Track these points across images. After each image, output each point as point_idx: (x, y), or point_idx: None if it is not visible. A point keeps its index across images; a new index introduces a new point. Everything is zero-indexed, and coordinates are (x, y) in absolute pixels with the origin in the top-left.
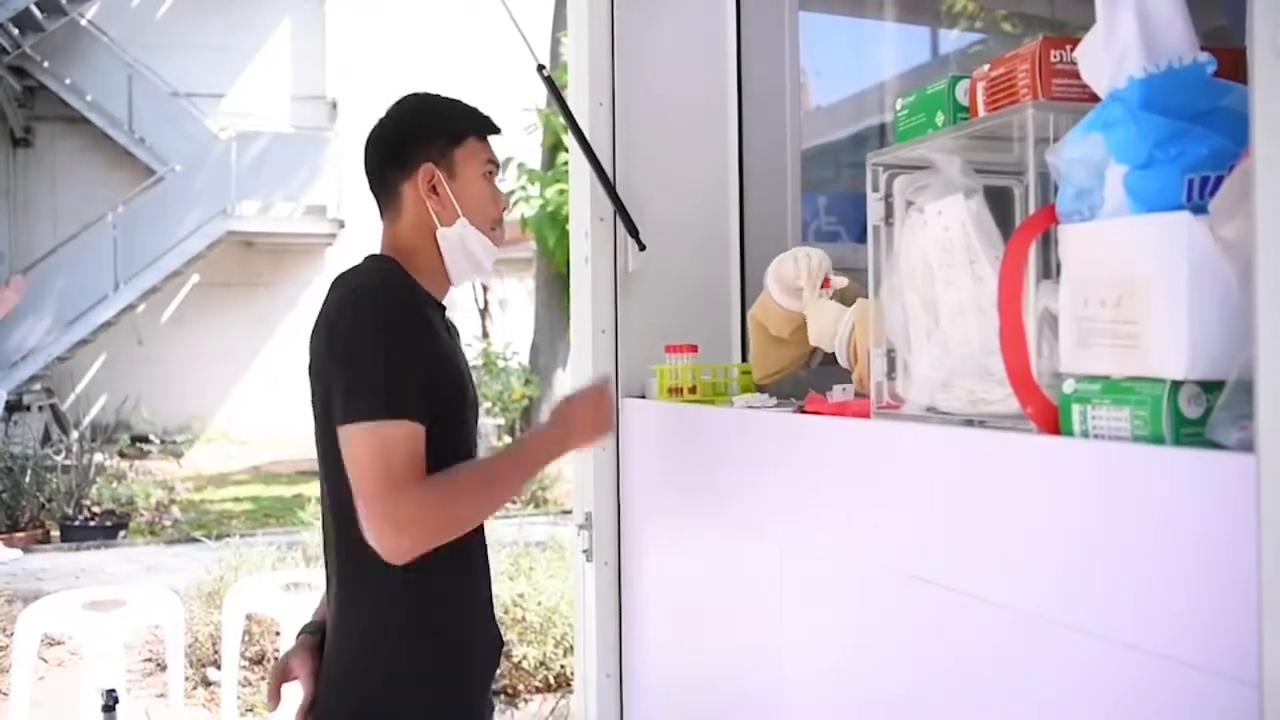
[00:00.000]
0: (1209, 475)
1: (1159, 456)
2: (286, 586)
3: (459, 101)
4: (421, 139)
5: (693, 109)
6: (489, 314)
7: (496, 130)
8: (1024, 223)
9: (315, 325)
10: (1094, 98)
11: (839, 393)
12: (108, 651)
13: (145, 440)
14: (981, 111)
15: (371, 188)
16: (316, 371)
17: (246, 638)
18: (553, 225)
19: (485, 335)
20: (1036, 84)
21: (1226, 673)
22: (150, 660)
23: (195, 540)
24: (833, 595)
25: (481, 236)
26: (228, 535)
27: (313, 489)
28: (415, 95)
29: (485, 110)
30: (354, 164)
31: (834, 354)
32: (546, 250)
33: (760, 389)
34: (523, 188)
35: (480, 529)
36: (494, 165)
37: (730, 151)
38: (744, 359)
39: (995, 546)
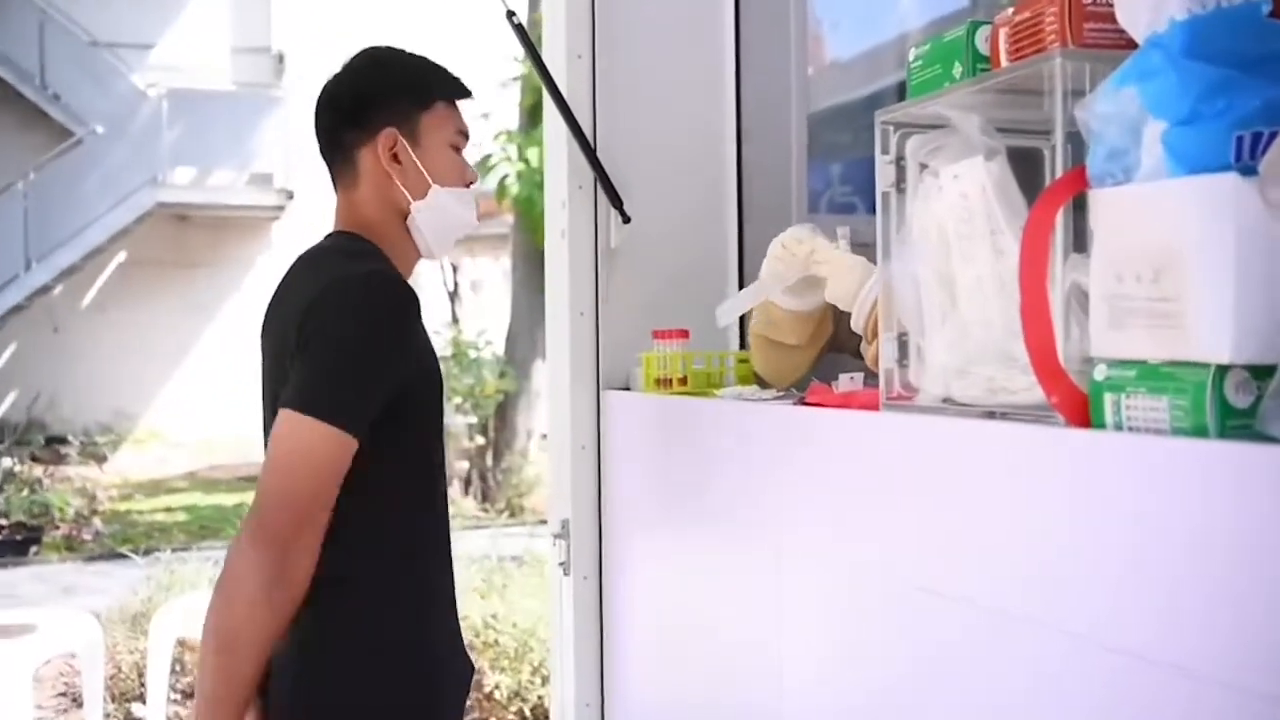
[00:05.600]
0: (1259, 471)
1: (1202, 451)
2: None
3: (426, 59)
4: (383, 98)
5: (684, 63)
6: (458, 297)
7: (468, 94)
8: (1050, 187)
9: (279, 308)
10: (1131, 44)
11: (845, 382)
12: (14, 685)
13: (62, 442)
14: (1004, 61)
15: (322, 151)
16: (275, 358)
17: (178, 667)
18: (539, 192)
19: (455, 321)
20: (1066, 29)
21: (1271, 694)
22: (65, 695)
23: (120, 556)
24: (837, 607)
25: (458, 191)
26: (158, 550)
27: None
28: (377, 48)
29: (456, 70)
30: (304, 126)
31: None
32: (530, 222)
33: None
34: (502, 149)
35: (446, 537)
36: (464, 135)
37: (727, 112)
38: (742, 345)
39: (1016, 552)
